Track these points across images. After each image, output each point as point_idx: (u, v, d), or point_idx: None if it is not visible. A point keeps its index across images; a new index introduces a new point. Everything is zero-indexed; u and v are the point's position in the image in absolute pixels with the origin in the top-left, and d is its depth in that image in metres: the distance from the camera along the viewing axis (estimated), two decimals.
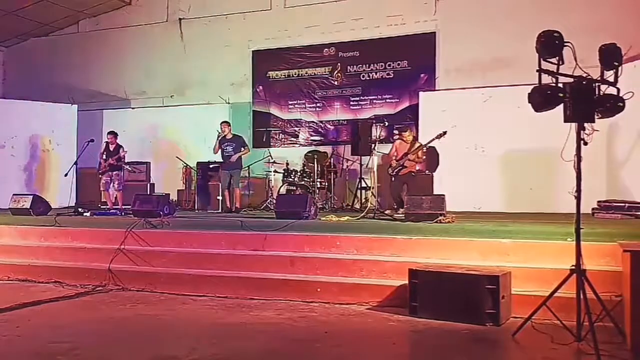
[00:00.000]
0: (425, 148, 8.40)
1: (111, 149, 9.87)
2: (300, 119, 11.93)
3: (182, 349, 3.68)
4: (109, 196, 9.89)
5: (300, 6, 11.78)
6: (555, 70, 3.76)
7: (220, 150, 9.63)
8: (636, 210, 7.35)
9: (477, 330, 4.13)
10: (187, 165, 11.05)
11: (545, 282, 4.36)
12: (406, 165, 8.32)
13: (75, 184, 10.02)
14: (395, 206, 8.31)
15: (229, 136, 9.61)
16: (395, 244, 5.58)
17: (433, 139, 8.20)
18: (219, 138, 9.56)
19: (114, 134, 9.98)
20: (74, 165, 9.04)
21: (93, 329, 4.36)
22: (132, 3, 13.34)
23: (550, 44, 3.73)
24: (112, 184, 9.90)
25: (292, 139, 11.99)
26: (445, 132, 8.01)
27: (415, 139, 8.73)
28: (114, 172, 9.86)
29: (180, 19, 12.86)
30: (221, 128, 9.65)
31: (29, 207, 8.06)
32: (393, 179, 8.45)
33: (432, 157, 9.52)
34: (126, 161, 10.02)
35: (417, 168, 8.94)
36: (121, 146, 9.90)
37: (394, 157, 8.49)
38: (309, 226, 6.41)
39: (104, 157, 9.86)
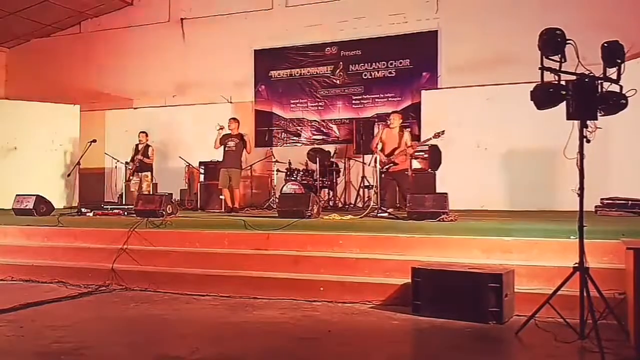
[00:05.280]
0: (421, 143, 8.00)
1: (140, 148, 9.85)
2: (303, 118, 11.92)
3: (186, 348, 3.68)
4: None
5: (302, 5, 11.76)
6: (557, 68, 3.75)
7: (222, 146, 9.44)
8: (639, 207, 7.33)
9: (480, 329, 4.12)
10: (190, 164, 11.05)
11: (549, 280, 4.37)
12: (397, 162, 7.79)
13: (78, 184, 10.05)
14: (379, 206, 7.59)
15: (235, 132, 9.45)
16: (398, 242, 5.59)
17: (430, 138, 7.79)
18: (222, 134, 9.36)
19: (145, 133, 9.97)
20: (77, 166, 9.05)
21: (96, 328, 4.37)
22: (134, 3, 13.35)
23: (552, 42, 3.73)
24: (142, 185, 9.86)
25: (295, 138, 11.98)
26: (443, 132, 7.50)
27: (404, 127, 8.01)
28: (143, 173, 9.82)
29: (182, 19, 12.87)
30: (229, 124, 9.44)
31: (32, 207, 8.06)
32: (383, 175, 7.82)
33: (434, 156, 9.51)
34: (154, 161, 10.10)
35: (416, 167, 8.84)
36: (150, 146, 9.89)
37: (378, 151, 7.83)
38: (312, 225, 6.40)
39: (134, 157, 9.85)
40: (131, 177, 10.01)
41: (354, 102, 11.51)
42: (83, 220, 7.76)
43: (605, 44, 3.83)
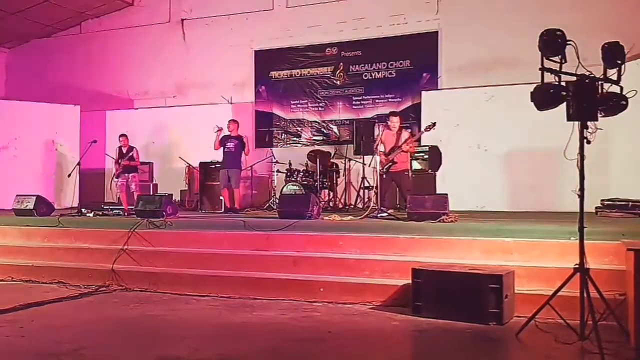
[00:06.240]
0: (415, 138, 7.91)
1: (124, 151, 9.81)
2: (303, 119, 11.92)
3: (186, 349, 3.68)
4: (125, 198, 9.55)
5: (303, 6, 11.76)
6: (557, 69, 3.75)
7: (221, 147, 9.45)
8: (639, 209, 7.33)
9: (481, 330, 4.12)
10: (190, 165, 11.05)
11: (549, 281, 4.36)
12: (396, 161, 7.67)
13: (78, 185, 10.03)
14: (379, 206, 7.57)
15: (234, 134, 9.46)
16: (398, 243, 5.58)
17: (422, 132, 7.96)
18: (222, 136, 9.38)
19: (125, 135, 9.92)
20: (77, 166, 9.05)
21: (96, 329, 4.37)
22: (135, 4, 13.35)
23: (552, 43, 3.73)
24: (130, 186, 9.76)
25: (295, 138, 11.98)
26: (434, 124, 7.49)
27: (403, 127, 7.98)
28: (130, 174, 9.77)
29: (182, 20, 12.87)
30: (228, 125, 9.44)
31: (32, 207, 8.05)
32: (384, 176, 7.74)
33: (434, 156, 9.51)
34: (140, 161, 9.96)
35: (415, 168, 8.84)
36: (134, 147, 9.86)
37: (381, 152, 7.76)
38: (312, 226, 6.40)
39: (119, 160, 9.76)
40: (116, 180, 9.88)
41: (354, 102, 11.50)
42: (83, 221, 7.76)
43: (606, 45, 3.84)
